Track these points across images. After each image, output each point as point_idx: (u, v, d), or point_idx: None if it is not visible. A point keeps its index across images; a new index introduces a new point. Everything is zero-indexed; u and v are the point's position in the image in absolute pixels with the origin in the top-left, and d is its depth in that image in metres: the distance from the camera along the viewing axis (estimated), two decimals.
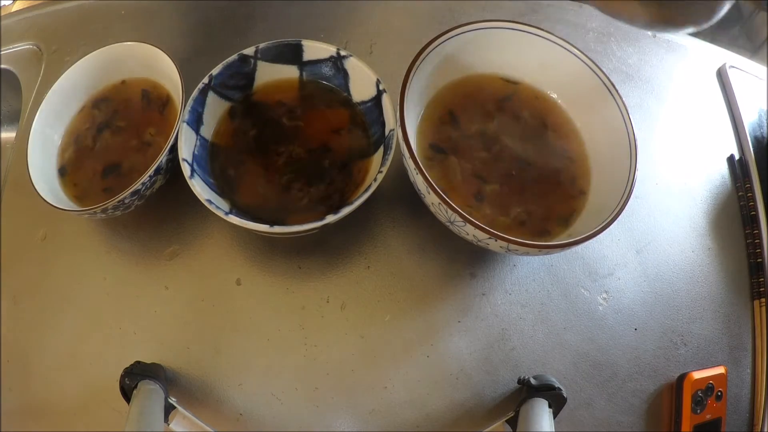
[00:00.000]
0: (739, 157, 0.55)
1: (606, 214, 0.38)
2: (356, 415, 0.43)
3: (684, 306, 0.48)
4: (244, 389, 0.43)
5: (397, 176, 0.43)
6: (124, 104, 0.50)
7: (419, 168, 0.37)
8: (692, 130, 0.56)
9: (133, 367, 0.42)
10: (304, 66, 0.49)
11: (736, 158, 0.54)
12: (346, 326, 0.45)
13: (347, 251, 0.47)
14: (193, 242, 0.48)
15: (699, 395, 0.44)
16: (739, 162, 0.54)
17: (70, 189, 0.47)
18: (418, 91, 0.43)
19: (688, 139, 0.55)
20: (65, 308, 0.47)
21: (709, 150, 0.55)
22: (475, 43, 0.44)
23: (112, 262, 0.48)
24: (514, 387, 0.44)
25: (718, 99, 0.58)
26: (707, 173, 0.54)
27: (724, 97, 0.58)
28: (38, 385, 0.45)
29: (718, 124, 0.57)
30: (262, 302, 0.46)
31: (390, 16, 0.58)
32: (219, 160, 0.46)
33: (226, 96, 0.48)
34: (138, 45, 0.49)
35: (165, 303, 0.46)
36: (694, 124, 0.56)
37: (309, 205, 0.44)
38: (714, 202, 0.53)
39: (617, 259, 0.49)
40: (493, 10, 0.58)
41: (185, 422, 0.40)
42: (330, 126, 0.48)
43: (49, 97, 0.48)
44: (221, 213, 0.40)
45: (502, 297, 0.46)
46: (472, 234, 0.37)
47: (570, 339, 0.46)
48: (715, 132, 0.56)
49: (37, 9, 0.62)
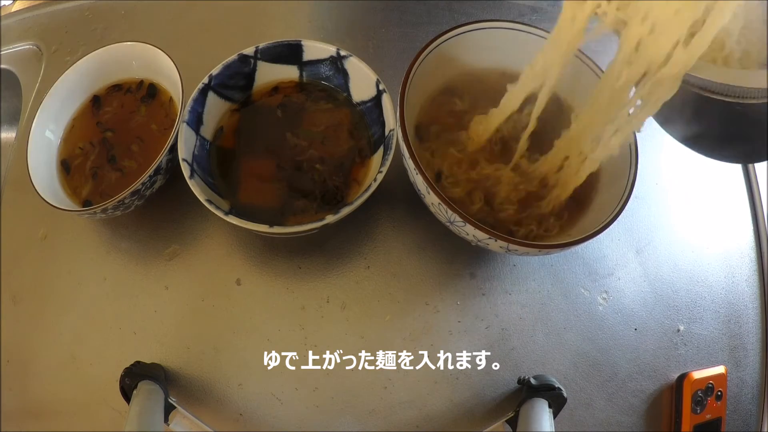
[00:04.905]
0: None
1: (606, 214, 0.38)
2: (356, 415, 0.43)
3: (684, 306, 0.48)
4: (244, 389, 0.43)
5: (397, 176, 0.43)
6: (124, 104, 0.50)
7: (419, 168, 0.37)
8: None
9: (133, 367, 0.42)
10: (304, 66, 0.49)
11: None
12: (346, 326, 0.45)
13: (347, 251, 0.47)
14: (193, 242, 0.48)
15: (699, 395, 0.44)
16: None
17: (70, 189, 0.47)
18: (418, 91, 0.43)
19: None
20: (65, 308, 0.47)
21: None
22: (475, 43, 0.44)
23: (112, 262, 0.48)
24: (514, 387, 0.44)
25: None
26: (707, 173, 0.54)
27: None
28: (38, 385, 0.45)
29: None
30: (262, 302, 0.46)
31: (390, 16, 0.58)
32: (219, 160, 0.46)
33: (226, 96, 0.48)
34: (138, 45, 0.49)
35: (165, 303, 0.46)
36: None
37: (308, 205, 0.44)
38: (714, 201, 0.53)
39: (617, 259, 0.49)
40: (493, 10, 0.58)
41: (185, 422, 0.40)
42: (330, 126, 0.48)
43: (49, 97, 0.48)
44: (221, 213, 0.40)
45: (502, 297, 0.46)
46: (472, 234, 0.37)
47: (570, 339, 0.46)
48: None
49: (37, 9, 0.62)
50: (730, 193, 0.54)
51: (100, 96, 0.51)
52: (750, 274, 0.51)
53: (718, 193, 0.53)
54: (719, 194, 0.53)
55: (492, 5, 0.59)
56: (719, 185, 0.54)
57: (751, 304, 0.50)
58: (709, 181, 0.53)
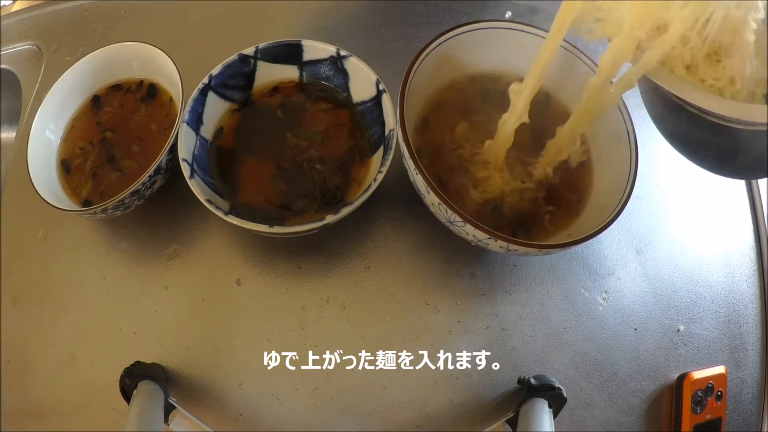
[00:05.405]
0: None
1: (606, 214, 0.39)
2: (356, 415, 0.43)
3: (684, 306, 0.48)
4: (244, 389, 0.43)
5: (397, 176, 0.43)
6: (124, 104, 0.50)
7: (419, 168, 0.37)
8: None
9: (133, 367, 0.42)
10: (304, 66, 0.49)
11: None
12: (346, 326, 0.45)
13: (347, 251, 0.47)
14: (193, 242, 0.48)
15: (699, 395, 0.44)
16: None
17: (71, 189, 0.47)
18: (417, 91, 0.43)
19: None
20: (65, 308, 0.47)
21: None
22: (474, 43, 0.44)
23: (112, 262, 0.48)
24: (514, 387, 0.44)
25: None
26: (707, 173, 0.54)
27: None
28: (38, 385, 0.45)
29: None
30: (262, 302, 0.46)
31: (390, 16, 0.58)
32: (219, 160, 0.46)
33: (226, 96, 0.48)
34: (138, 45, 0.49)
35: (165, 303, 0.46)
36: None
37: (308, 205, 0.44)
38: (714, 201, 0.53)
39: (617, 259, 0.49)
40: (493, 10, 0.58)
41: (185, 422, 0.40)
42: (330, 126, 0.48)
43: (49, 97, 0.48)
44: (221, 213, 0.40)
45: (502, 297, 0.46)
46: (472, 234, 0.37)
47: (570, 339, 0.46)
48: None
49: (37, 9, 0.62)
50: (730, 193, 0.54)
51: (100, 96, 0.51)
52: (750, 274, 0.51)
53: (718, 193, 0.53)
54: (719, 194, 0.53)
55: (492, 5, 0.59)
56: (719, 185, 0.54)
57: (751, 304, 0.50)
58: (709, 181, 0.53)
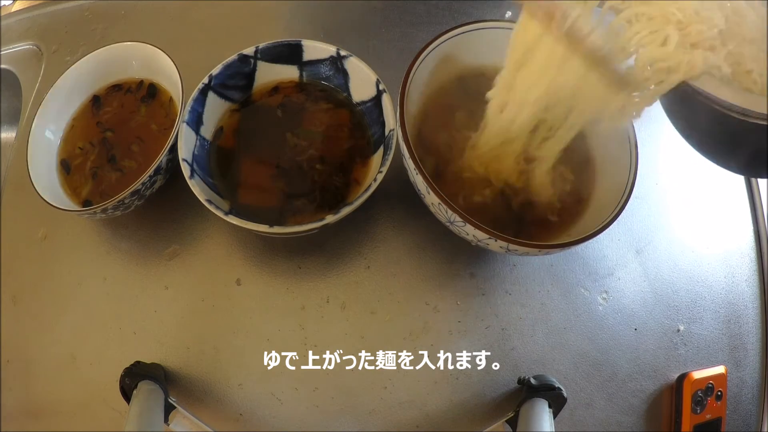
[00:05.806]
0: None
1: (606, 214, 0.38)
2: (356, 415, 0.43)
3: (684, 306, 0.48)
4: (244, 389, 0.43)
5: (397, 176, 0.43)
6: (124, 104, 0.50)
7: (419, 168, 0.37)
8: None
9: (133, 367, 0.42)
10: (304, 66, 0.49)
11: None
12: (346, 326, 0.45)
13: (347, 251, 0.47)
14: (193, 242, 0.48)
15: (699, 395, 0.44)
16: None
17: (70, 189, 0.47)
18: (418, 91, 0.43)
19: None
20: (65, 308, 0.47)
21: None
22: (475, 43, 0.44)
23: (112, 262, 0.48)
24: (514, 387, 0.44)
25: None
26: (707, 173, 0.54)
27: None
28: (38, 385, 0.45)
29: None
30: (262, 302, 0.46)
31: (390, 16, 0.58)
32: (219, 160, 0.46)
33: (226, 96, 0.48)
34: (138, 45, 0.49)
35: (165, 303, 0.46)
36: None
37: (308, 205, 0.44)
38: (714, 201, 0.53)
39: (617, 259, 0.49)
40: (494, 10, 0.58)
41: (185, 422, 0.40)
42: (330, 126, 0.48)
43: (49, 97, 0.48)
44: (221, 213, 0.40)
45: (502, 297, 0.46)
46: (472, 234, 0.37)
47: (570, 339, 0.46)
48: None
49: (37, 9, 0.62)
50: (730, 193, 0.54)
51: (100, 96, 0.51)
52: (750, 274, 0.51)
53: (718, 193, 0.53)
54: (719, 194, 0.53)
55: (492, 5, 0.59)
56: (719, 185, 0.54)
57: (751, 304, 0.50)
58: (709, 181, 0.53)
